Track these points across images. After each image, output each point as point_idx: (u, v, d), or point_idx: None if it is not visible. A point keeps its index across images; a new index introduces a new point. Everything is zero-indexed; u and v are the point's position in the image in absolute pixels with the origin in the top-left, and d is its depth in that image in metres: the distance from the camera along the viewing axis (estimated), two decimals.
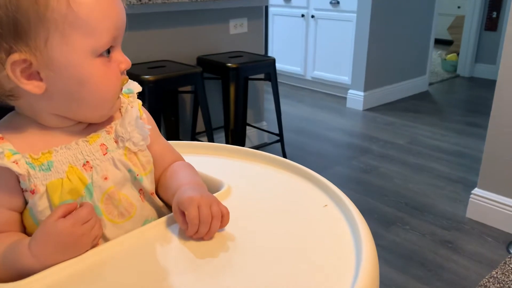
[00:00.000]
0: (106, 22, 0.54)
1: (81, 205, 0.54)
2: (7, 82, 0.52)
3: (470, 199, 2.06)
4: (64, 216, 0.52)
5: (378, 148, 2.88)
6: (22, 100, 0.55)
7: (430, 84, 4.37)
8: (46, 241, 0.51)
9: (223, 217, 0.59)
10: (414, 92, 4.09)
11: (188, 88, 2.33)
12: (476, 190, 2.04)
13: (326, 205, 0.64)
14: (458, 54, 4.87)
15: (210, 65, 2.27)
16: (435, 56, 5.47)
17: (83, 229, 0.51)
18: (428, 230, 1.97)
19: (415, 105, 3.80)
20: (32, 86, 0.52)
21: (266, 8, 4.23)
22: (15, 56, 0.50)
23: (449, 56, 5.02)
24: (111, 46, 0.56)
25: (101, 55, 0.55)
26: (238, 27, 2.56)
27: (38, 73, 0.52)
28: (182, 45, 2.35)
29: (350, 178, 2.47)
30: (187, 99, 2.47)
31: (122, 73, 0.59)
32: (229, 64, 2.16)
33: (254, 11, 2.61)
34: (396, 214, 2.10)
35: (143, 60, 2.17)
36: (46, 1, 0.49)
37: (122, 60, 0.58)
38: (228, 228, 0.59)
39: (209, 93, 2.41)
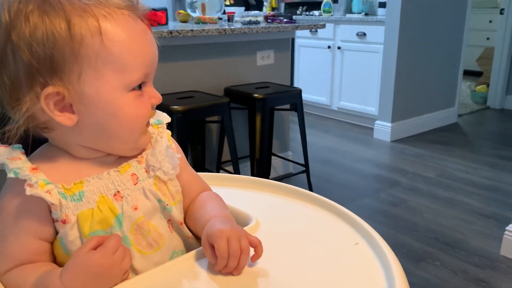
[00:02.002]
0: (138, 59, 0.56)
1: (109, 237, 0.54)
2: (41, 114, 0.54)
3: (505, 235, 1.97)
4: (95, 248, 0.52)
5: (407, 180, 2.82)
6: (55, 132, 0.57)
7: (460, 115, 4.29)
8: (77, 273, 0.51)
9: (256, 248, 0.58)
10: (443, 123, 4.02)
11: (215, 118, 2.35)
12: (511, 227, 1.96)
13: (357, 243, 0.63)
14: (488, 86, 4.79)
15: (237, 96, 2.30)
16: (464, 87, 5.39)
17: (113, 260, 0.52)
18: (460, 267, 1.90)
19: (444, 137, 3.73)
20: (64, 118, 0.54)
21: (293, 40, 4.29)
22: (49, 89, 0.52)
23: (478, 87, 4.94)
24: (143, 82, 0.58)
25: (133, 89, 0.56)
26: (265, 58, 2.60)
27: (71, 105, 0.54)
28: (210, 76, 2.40)
29: (378, 211, 2.42)
30: (214, 128, 2.50)
31: (151, 108, 0.60)
32: (256, 95, 2.18)
33: (281, 43, 2.65)
34: (426, 249, 2.03)
35: (173, 91, 2.22)
36: (81, 38, 0.51)
37: (153, 95, 0.60)
38: (257, 263, 0.58)
39: (235, 122, 2.43)
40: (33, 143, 0.58)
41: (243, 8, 3.91)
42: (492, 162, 3.14)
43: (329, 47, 4.05)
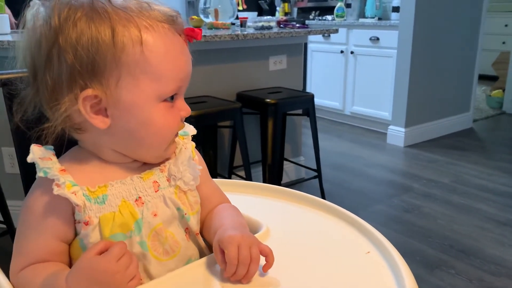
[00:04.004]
0: (174, 72, 0.58)
1: (114, 243, 0.54)
2: (77, 116, 0.57)
3: None
4: (102, 252, 0.53)
5: (421, 186, 2.79)
6: (87, 134, 0.59)
7: (475, 120, 4.24)
8: (81, 276, 0.52)
9: (267, 257, 0.59)
10: (458, 129, 3.97)
11: (227, 123, 2.36)
12: None
13: (368, 252, 0.62)
14: (503, 90, 4.72)
15: (249, 101, 2.30)
16: (479, 92, 5.32)
17: (117, 266, 0.52)
18: (475, 275, 1.86)
19: (459, 142, 3.68)
20: (98, 121, 0.56)
21: (305, 44, 4.28)
22: (88, 92, 0.55)
23: (494, 92, 4.87)
24: (175, 94, 0.60)
25: (165, 100, 0.58)
26: (277, 63, 2.60)
27: (106, 109, 0.56)
28: (223, 81, 2.40)
29: (391, 218, 2.39)
30: (226, 133, 2.50)
31: (180, 120, 0.62)
32: (268, 100, 2.18)
33: (293, 48, 2.65)
34: (440, 257, 2.00)
35: (185, 96, 2.22)
36: (122, 46, 0.54)
37: (183, 108, 0.62)
38: (267, 273, 0.58)
39: (247, 127, 2.43)
40: (68, 143, 0.61)
41: (256, 13, 3.93)
42: (508, 168, 3.09)
43: (342, 51, 4.04)
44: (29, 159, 0.57)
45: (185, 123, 0.67)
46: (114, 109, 0.56)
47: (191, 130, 0.71)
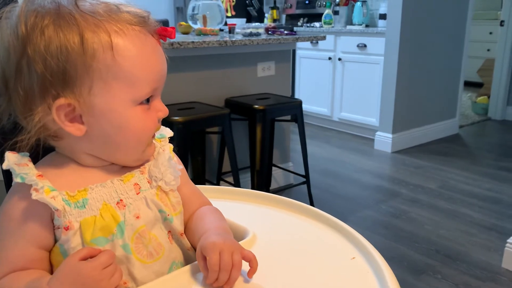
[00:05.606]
0: (148, 75, 0.57)
1: (102, 251, 0.54)
2: (52, 125, 0.56)
3: (506, 248, 1.96)
4: (85, 258, 0.52)
5: (408, 192, 2.81)
6: (64, 141, 0.58)
7: (461, 127, 4.29)
8: (65, 280, 0.51)
9: (251, 262, 0.58)
10: (444, 135, 4.02)
11: (216, 129, 2.36)
12: None
13: (354, 258, 0.62)
14: (489, 97, 4.80)
15: (237, 107, 2.31)
16: (465, 98, 5.40)
17: (102, 274, 0.51)
18: (461, 280, 1.88)
19: (446, 148, 3.73)
20: (74, 129, 0.55)
21: (294, 51, 4.31)
22: (60, 101, 0.54)
23: (479, 98, 4.95)
24: (151, 95, 0.59)
25: (141, 103, 0.58)
26: (265, 70, 2.61)
27: (81, 116, 0.56)
28: (211, 88, 2.41)
29: (379, 223, 2.41)
30: (214, 139, 2.50)
31: (158, 121, 0.62)
32: (256, 106, 2.19)
33: (281, 54, 2.67)
34: (427, 262, 2.02)
35: (173, 102, 2.23)
36: (93, 53, 0.53)
37: (160, 109, 0.61)
38: (252, 279, 0.58)
39: (236, 133, 2.43)
40: (43, 152, 0.60)
41: (244, 20, 3.94)
42: (494, 173, 3.14)
43: (330, 58, 4.07)
44: (5, 166, 0.56)
45: (162, 126, 0.66)
46: (89, 116, 0.56)
47: (167, 132, 0.70)
